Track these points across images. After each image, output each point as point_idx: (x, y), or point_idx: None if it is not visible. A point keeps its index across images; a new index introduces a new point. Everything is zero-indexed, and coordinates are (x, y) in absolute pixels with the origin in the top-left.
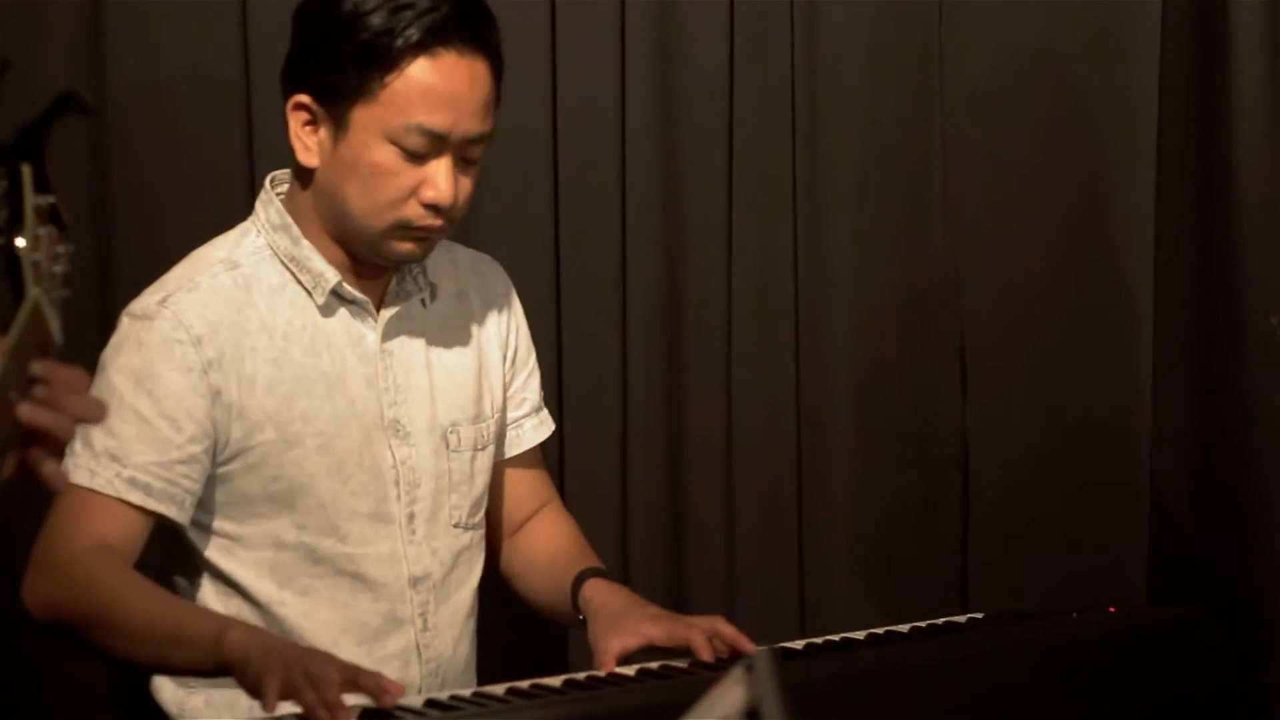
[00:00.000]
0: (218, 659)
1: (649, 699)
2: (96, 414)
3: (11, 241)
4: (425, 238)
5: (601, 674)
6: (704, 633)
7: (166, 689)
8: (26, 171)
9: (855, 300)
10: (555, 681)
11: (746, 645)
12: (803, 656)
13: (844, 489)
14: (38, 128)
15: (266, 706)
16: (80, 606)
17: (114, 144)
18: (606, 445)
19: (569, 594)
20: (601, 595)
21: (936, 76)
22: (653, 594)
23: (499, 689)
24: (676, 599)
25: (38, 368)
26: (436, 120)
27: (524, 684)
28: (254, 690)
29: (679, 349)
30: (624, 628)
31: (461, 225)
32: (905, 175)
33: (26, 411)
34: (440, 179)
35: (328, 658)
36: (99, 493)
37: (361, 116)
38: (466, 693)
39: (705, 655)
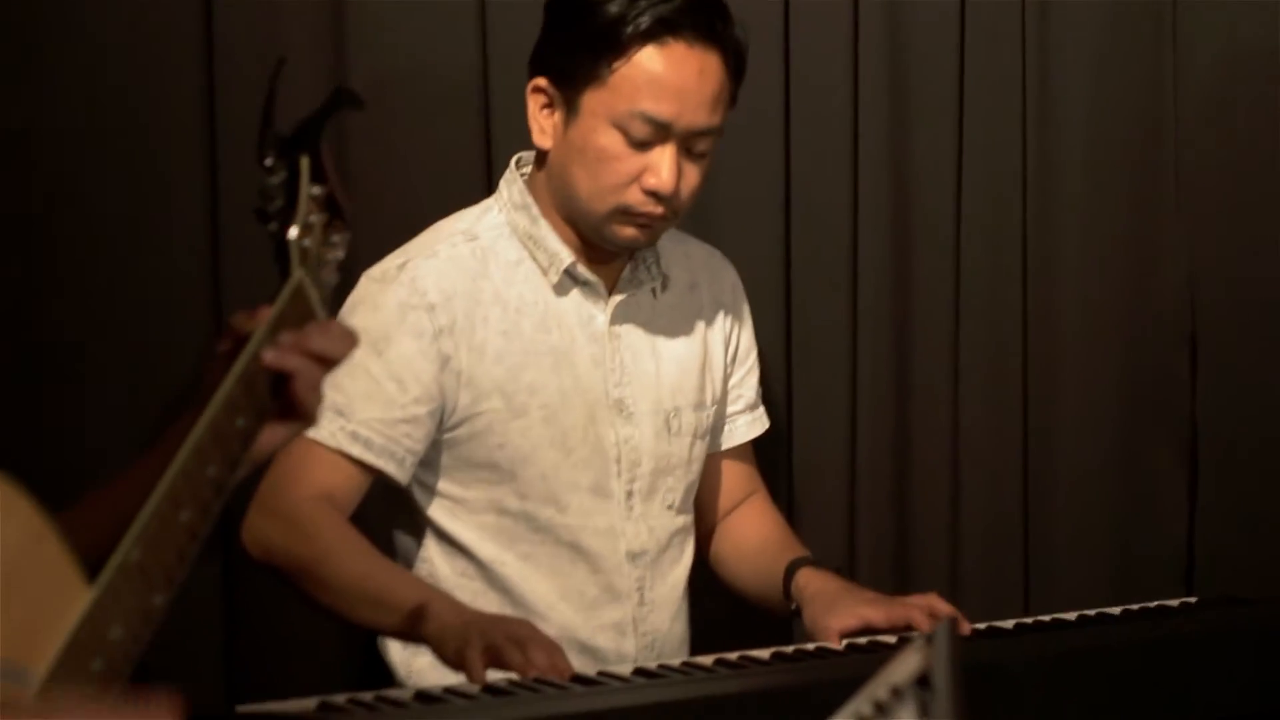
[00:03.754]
0: (417, 632)
1: (853, 671)
2: (343, 347)
3: (285, 229)
4: (648, 224)
5: (809, 647)
6: (922, 611)
7: (394, 650)
8: (304, 163)
9: (1084, 288)
10: (763, 654)
11: (962, 623)
12: (1010, 635)
13: (1070, 477)
14: (315, 121)
15: (473, 679)
16: (294, 556)
17: (353, 134)
18: (834, 434)
19: (780, 582)
20: (816, 582)
21: (1170, 67)
22: (877, 583)
23: (707, 659)
24: (900, 588)
25: (284, 336)
26: (661, 109)
27: (732, 655)
28: (456, 664)
29: (907, 339)
30: (842, 610)
31: (694, 217)
32: (1137, 166)
33: (270, 355)
34: (663, 167)
35: (523, 622)
36: (322, 444)
37: (591, 101)
38: (675, 662)
39: (926, 631)
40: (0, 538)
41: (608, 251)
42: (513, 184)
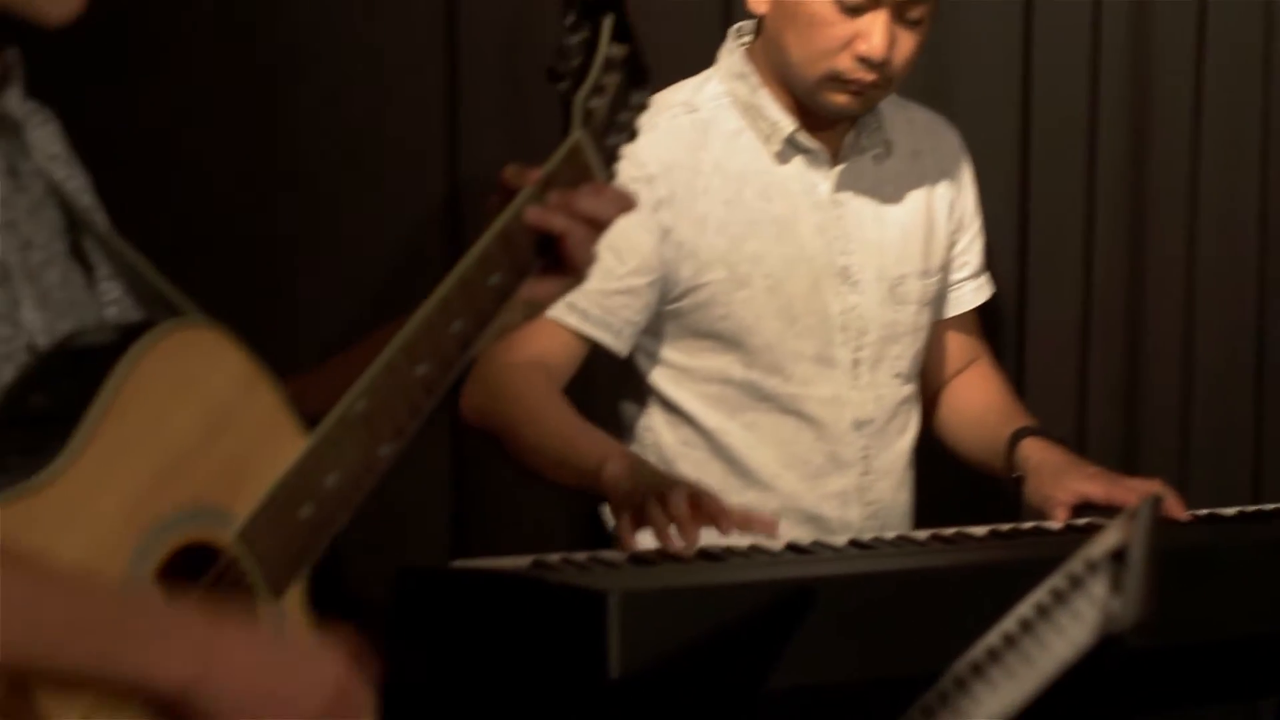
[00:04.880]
0: (596, 489)
1: (1067, 550)
2: (614, 209)
3: (574, 89)
4: (860, 91)
5: (1025, 526)
6: (1141, 495)
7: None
8: (607, 22)
9: None
10: (979, 530)
11: (1178, 510)
12: (1230, 522)
13: None
14: None
15: (622, 545)
16: (500, 418)
17: None
18: (1067, 313)
19: (1003, 450)
20: (1040, 453)
21: None
22: (1106, 458)
23: (922, 534)
24: (1128, 470)
25: (553, 195)
26: None
27: (947, 531)
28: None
29: (1142, 219)
30: (1062, 484)
31: (930, 93)
32: None
33: (533, 214)
34: (874, 34)
35: (684, 487)
36: None
37: None
38: (890, 535)
39: None
40: (207, 383)
41: (829, 119)
42: (731, 54)
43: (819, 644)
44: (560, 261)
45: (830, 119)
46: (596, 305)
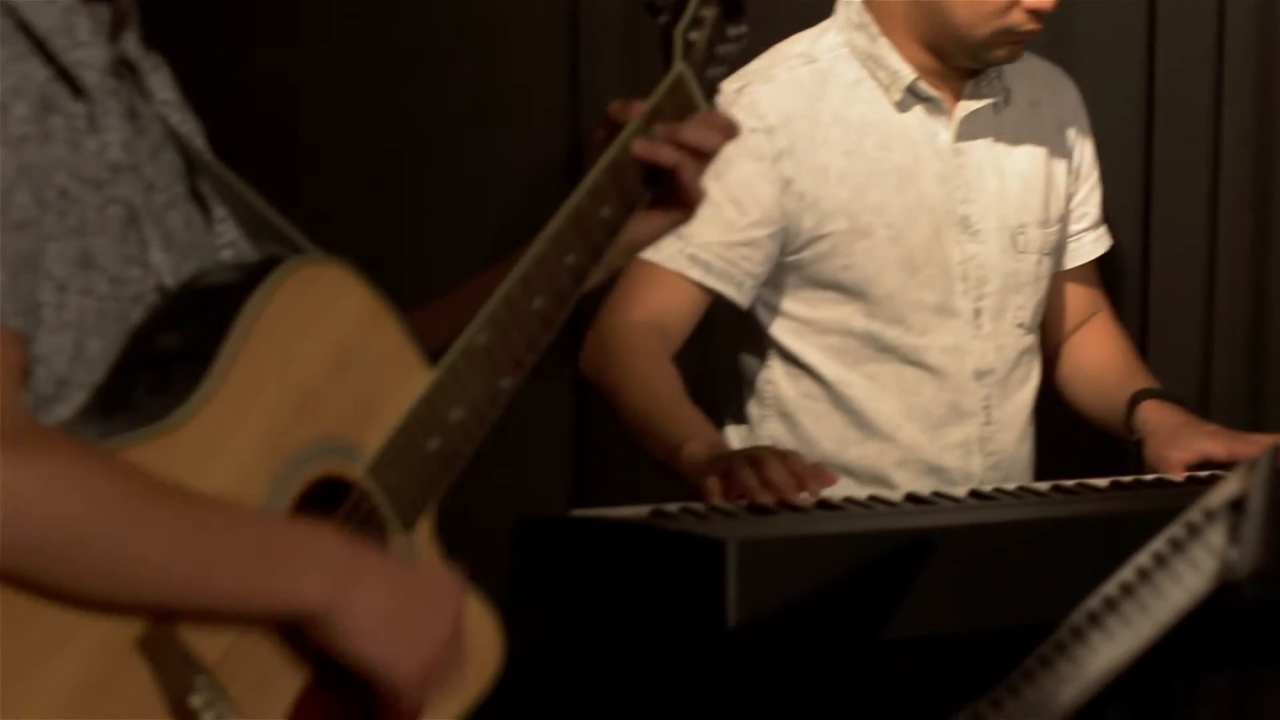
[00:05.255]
0: (676, 467)
1: (1188, 501)
2: (719, 139)
3: (673, 22)
4: (1023, 41)
5: (1147, 478)
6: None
7: None
8: None
9: None
10: (1101, 482)
11: None
12: None
13: None
14: None
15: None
16: (605, 378)
17: None
18: (1192, 267)
19: (1122, 411)
20: (1158, 415)
21: None
22: (1231, 413)
23: (1044, 486)
24: (1254, 424)
25: (659, 128)
26: None
27: (1069, 482)
28: (700, 495)
29: (1269, 172)
30: (1181, 443)
31: (1055, 45)
32: None
33: (640, 146)
34: None
35: (773, 450)
36: (661, 266)
37: None
38: (1010, 486)
39: None
40: (332, 319)
41: (952, 68)
42: (849, 4)
43: (937, 594)
44: (668, 195)
45: (958, 70)
46: (719, 258)
